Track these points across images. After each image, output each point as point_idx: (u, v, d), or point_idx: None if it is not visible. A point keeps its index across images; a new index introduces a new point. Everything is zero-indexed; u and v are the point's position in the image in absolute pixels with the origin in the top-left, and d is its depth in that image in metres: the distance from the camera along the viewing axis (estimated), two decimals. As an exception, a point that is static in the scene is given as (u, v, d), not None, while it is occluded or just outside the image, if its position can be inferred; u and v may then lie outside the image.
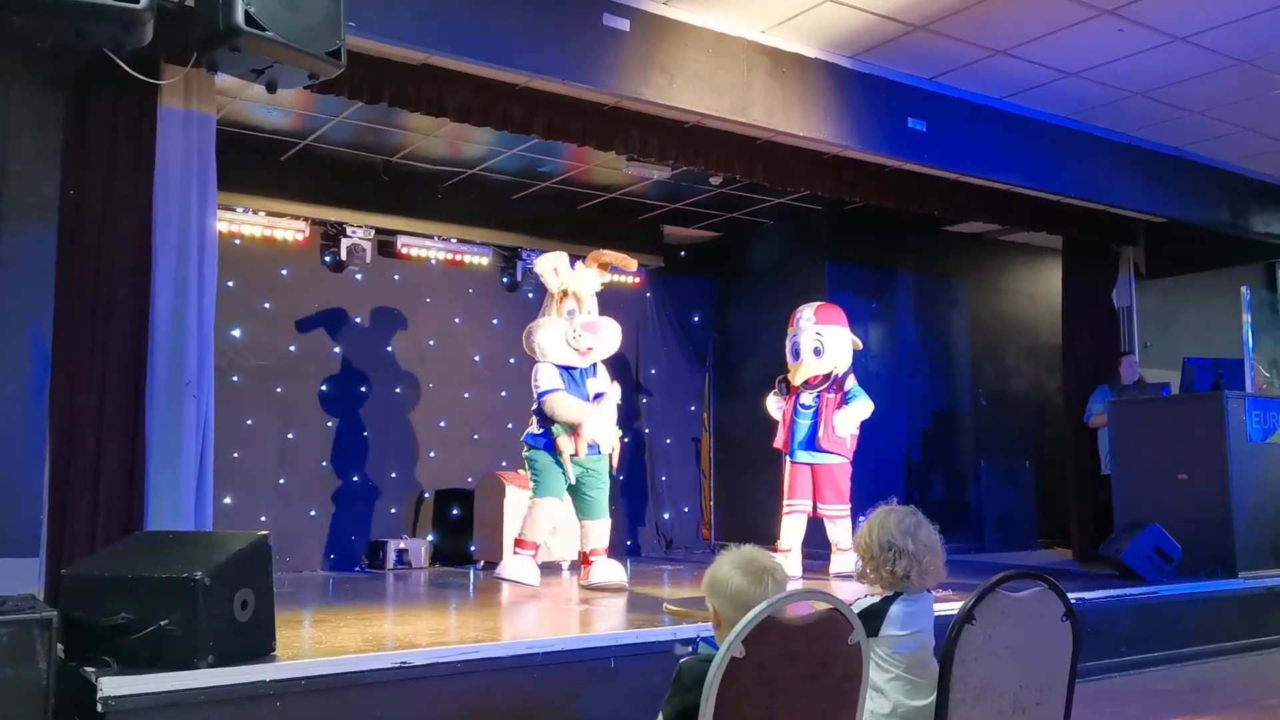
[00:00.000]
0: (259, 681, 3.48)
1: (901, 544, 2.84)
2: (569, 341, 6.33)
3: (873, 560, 2.90)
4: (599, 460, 6.34)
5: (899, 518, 2.90)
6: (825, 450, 6.95)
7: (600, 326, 6.48)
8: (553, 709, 4.05)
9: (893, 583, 2.88)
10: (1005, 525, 9.64)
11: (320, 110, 6.65)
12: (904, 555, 2.84)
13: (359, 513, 7.98)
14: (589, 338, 6.37)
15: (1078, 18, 5.81)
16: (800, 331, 7.13)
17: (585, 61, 5.46)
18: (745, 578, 2.39)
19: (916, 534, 2.87)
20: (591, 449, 6.26)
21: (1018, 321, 10.17)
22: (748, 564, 2.41)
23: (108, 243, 4.72)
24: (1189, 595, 6.33)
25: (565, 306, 6.42)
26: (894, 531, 2.86)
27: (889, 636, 2.84)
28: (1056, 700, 2.76)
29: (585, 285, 6.52)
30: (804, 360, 7.05)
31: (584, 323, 6.38)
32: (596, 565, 6.31)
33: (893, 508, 2.96)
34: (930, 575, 2.88)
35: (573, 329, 6.33)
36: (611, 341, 6.55)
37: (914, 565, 2.84)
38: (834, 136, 6.34)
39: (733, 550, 2.48)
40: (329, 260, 7.98)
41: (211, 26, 3.74)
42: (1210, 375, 7.45)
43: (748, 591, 2.36)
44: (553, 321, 6.41)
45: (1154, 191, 7.96)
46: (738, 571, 2.40)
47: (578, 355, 6.36)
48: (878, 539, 2.88)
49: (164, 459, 4.69)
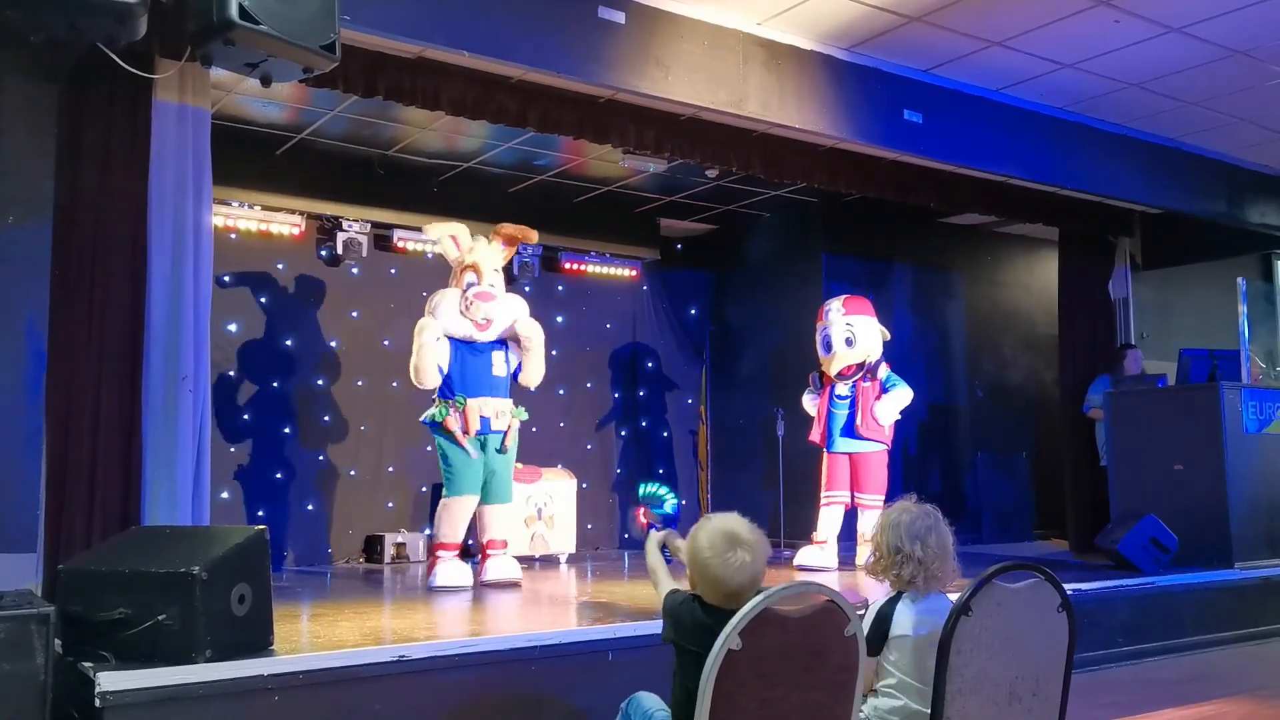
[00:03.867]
0: (257, 676, 3.48)
1: (909, 549, 2.84)
2: (463, 311, 6.08)
3: (882, 560, 2.91)
4: (495, 437, 6.10)
5: (911, 520, 2.88)
6: (864, 438, 7.00)
7: (496, 296, 6.17)
8: (551, 702, 4.06)
9: (899, 584, 2.90)
10: (1002, 517, 9.65)
11: (315, 104, 6.63)
12: (910, 560, 2.84)
13: (356, 506, 7.98)
14: (482, 306, 6.07)
15: (1073, 9, 5.80)
16: (830, 324, 7.17)
17: (581, 54, 5.45)
18: (716, 556, 2.47)
19: (927, 539, 2.85)
20: (484, 425, 6.03)
21: (1014, 313, 10.18)
22: (720, 535, 2.51)
23: (103, 237, 4.72)
24: (1185, 586, 6.34)
25: (465, 279, 6.17)
26: (904, 536, 2.86)
27: (897, 639, 2.83)
28: (1053, 691, 2.77)
29: (487, 258, 6.23)
30: (836, 352, 7.09)
31: (477, 291, 6.10)
32: (492, 560, 6.11)
33: (907, 507, 2.94)
34: (940, 579, 2.88)
35: (465, 298, 6.09)
36: (510, 314, 6.24)
37: (920, 570, 2.84)
38: (830, 128, 6.33)
39: (712, 519, 2.57)
40: (325, 254, 7.97)
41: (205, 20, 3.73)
42: (1206, 366, 7.46)
43: (714, 562, 2.46)
44: (450, 291, 6.20)
45: (1150, 183, 7.96)
46: (710, 550, 2.49)
47: (475, 327, 6.10)
48: (888, 540, 2.88)
49: (161, 454, 4.70)
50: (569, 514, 7.77)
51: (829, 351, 7.15)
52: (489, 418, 6.08)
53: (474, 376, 6.12)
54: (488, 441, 6.09)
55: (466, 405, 6.01)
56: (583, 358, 9.13)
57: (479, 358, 6.18)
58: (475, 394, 6.07)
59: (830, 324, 7.17)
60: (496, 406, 6.13)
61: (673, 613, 2.57)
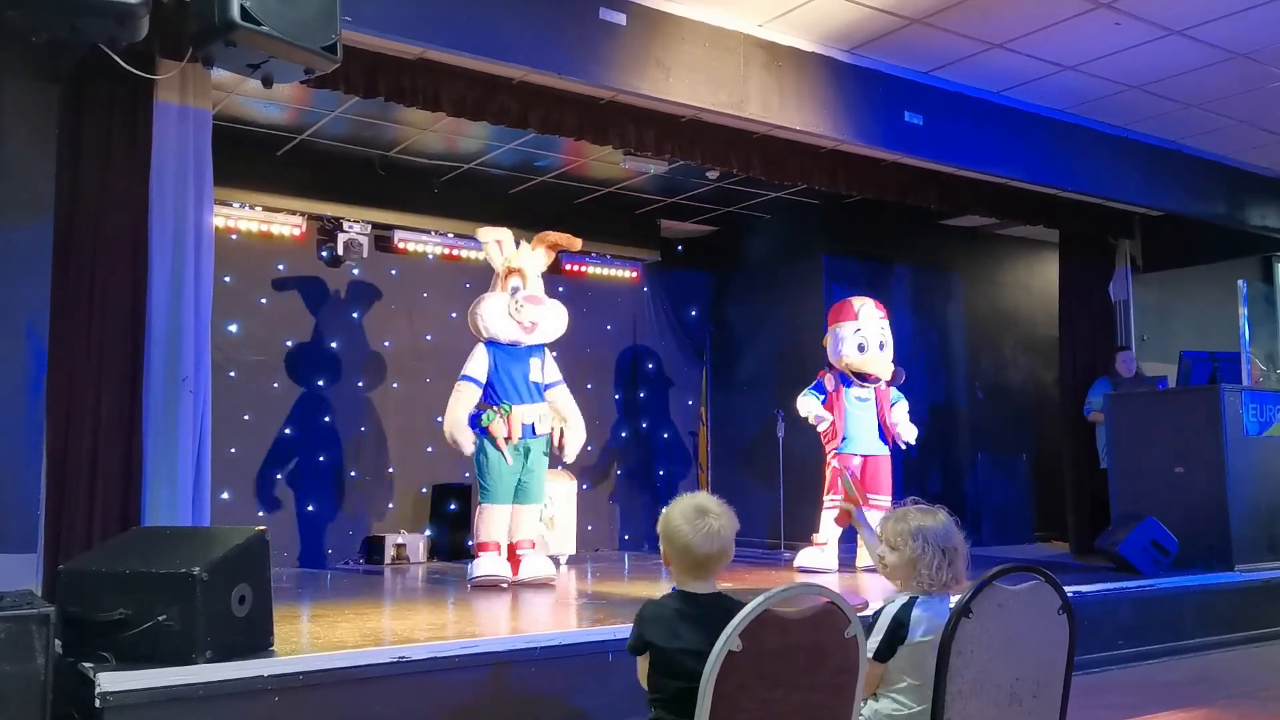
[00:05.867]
0: (257, 676, 3.48)
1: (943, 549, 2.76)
2: (511, 314, 6.21)
3: (910, 563, 2.77)
4: (537, 442, 6.24)
5: (936, 522, 2.80)
6: (883, 441, 7.14)
7: (543, 300, 6.36)
8: (551, 703, 4.06)
9: (923, 586, 2.78)
10: (1002, 518, 9.65)
11: (316, 105, 6.63)
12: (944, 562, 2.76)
13: (357, 507, 7.98)
14: (532, 309, 6.22)
15: (1074, 11, 5.80)
16: (866, 324, 7.21)
17: (582, 55, 5.45)
18: (686, 523, 2.55)
19: (952, 538, 2.80)
20: (527, 431, 6.16)
21: (1014, 315, 10.18)
22: (691, 507, 2.58)
23: (103, 238, 4.72)
24: (1186, 588, 6.34)
25: (510, 283, 6.31)
26: (934, 537, 2.77)
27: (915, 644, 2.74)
28: (1053, 693, 2.76)
29: (531, 263, 6.42)
30: (871, 354, 7.16)
31: (526, 295, 6.26)
32: (526, 559, 6.18)
33: (927, 509, 2.86)
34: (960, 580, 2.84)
35: (514, 302, 6.22)
36: (558, 322, 6.43)
37: (950, 572, 2.77)
38: (831, 130, 6.33)
39: (684, 496, 2.65)
40: (326, 255, 7.97)
41: (207, 21, 3.73)
42: (1207, 368, 7.47)
43: (685, 529, 2.54)
44: (496, 295, 6.31)
45: (1151, 185, 7.96)
46: (681, 517, 2.57)
47: (521, 330, 6.23)
48: (920, 543, 2.77)
49: (161, 454, 4.70)
50: (569, 515, 7.76)
51: (863, 352, 7.17)
52: (531, 424, 6.19)
53: (515, 383, 6.24)
54: (532, 447, 6.20)
55: (512, 412, 6.11)
56: (583, 359, 9.13)
57: (519, 364, 6.28)
58: (518, 401, 6.18)
59: (865, 324, 7.21)
60: (538, 411, 6.25)
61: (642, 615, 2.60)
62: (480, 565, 6.06)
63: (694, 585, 2.58)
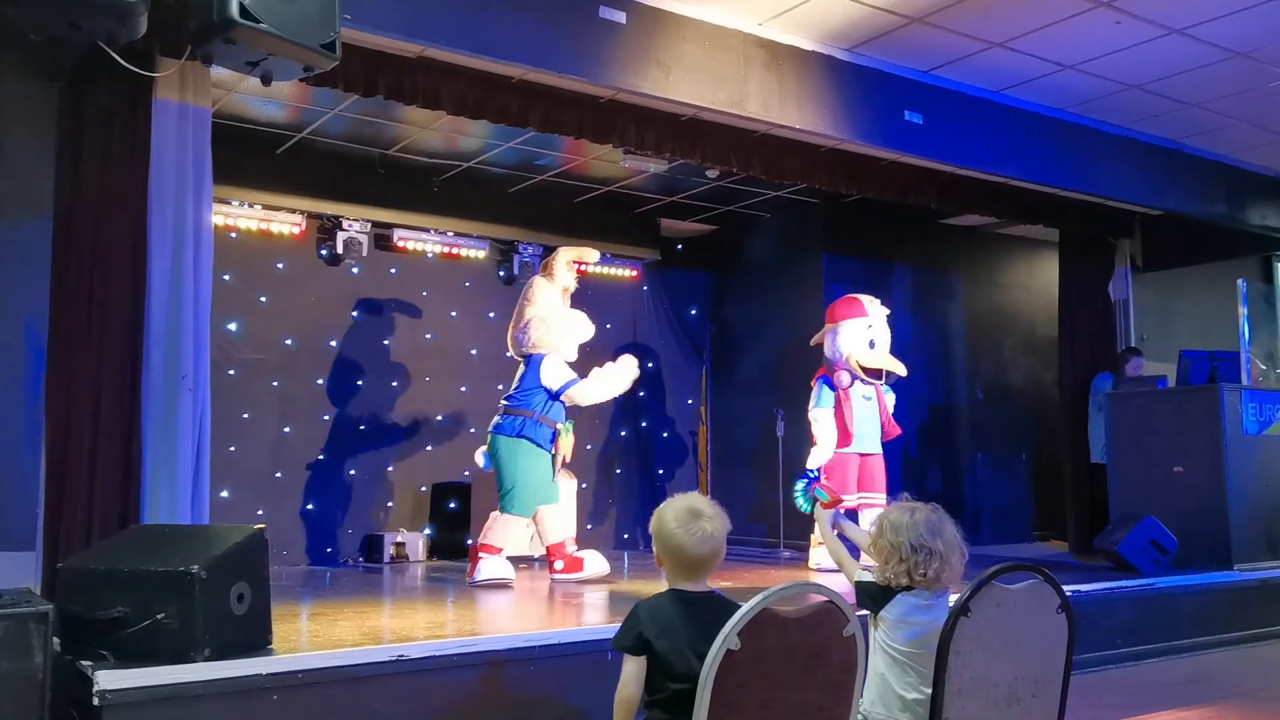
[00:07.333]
0: (255, 675, 3.48)
1: (932, 545, 2.78)
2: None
3: (902, 561, 2.80)
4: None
5: (924, 516, 2.83)
6: (883, 440, 7.21)
7: None
8: (550, 702, 4.06)
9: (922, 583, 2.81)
10: (1001, 518, 9.66)
11: (316, 103, 6.63)
12: (934, 557, 2.78)
13: (356, 506, 7.98)
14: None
15: (1074, 10, 5.80)
16: (875, 322, 7.24)
17: (582, 54, 5.45)
18: (679, 526, 2.57)
19: (943, 533, 2.82)
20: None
21: (1014, 314, 10.18)
22: (685, 509, 2.61)
23: (103, 236, 4.71)
24: (1184, 587, 6.34)
25: (566, 302, 6.55)
26: (923, 533, 2.79)
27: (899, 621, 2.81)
28: (1052, 692, 2.76)
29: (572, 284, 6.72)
30: (880, 351, 7.20)
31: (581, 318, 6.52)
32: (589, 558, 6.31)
33: (913, 505, 2.88)
34: (955, 575, 2.85)
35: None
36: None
37: (944, 566, 2.80)
38: (830, 129, 6.33)
39: (676, 497, 2.67)
40: (325, 254, 7.97)
41: (206, 19, 3.73)
42: (1206, 368, 7.46)
43: (678, 533, 2.56)
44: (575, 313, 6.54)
45: (1151, 184, 7.96)
46: (674, 520, 2.59)
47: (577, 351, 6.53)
48: (907, 538, 2.80)
49: (160, 453, 4.69)
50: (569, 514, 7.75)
51: (873, 348, 7.19)
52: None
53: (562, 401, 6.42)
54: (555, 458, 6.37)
55: (570, 433, 6.33)
56: (583, 358, 9.09)
57: None
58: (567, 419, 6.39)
59: (875, 321, 7.24)
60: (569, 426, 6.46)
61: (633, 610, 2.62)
62: (483, 568, 6.11)
63: (687, 585, 2.59)
